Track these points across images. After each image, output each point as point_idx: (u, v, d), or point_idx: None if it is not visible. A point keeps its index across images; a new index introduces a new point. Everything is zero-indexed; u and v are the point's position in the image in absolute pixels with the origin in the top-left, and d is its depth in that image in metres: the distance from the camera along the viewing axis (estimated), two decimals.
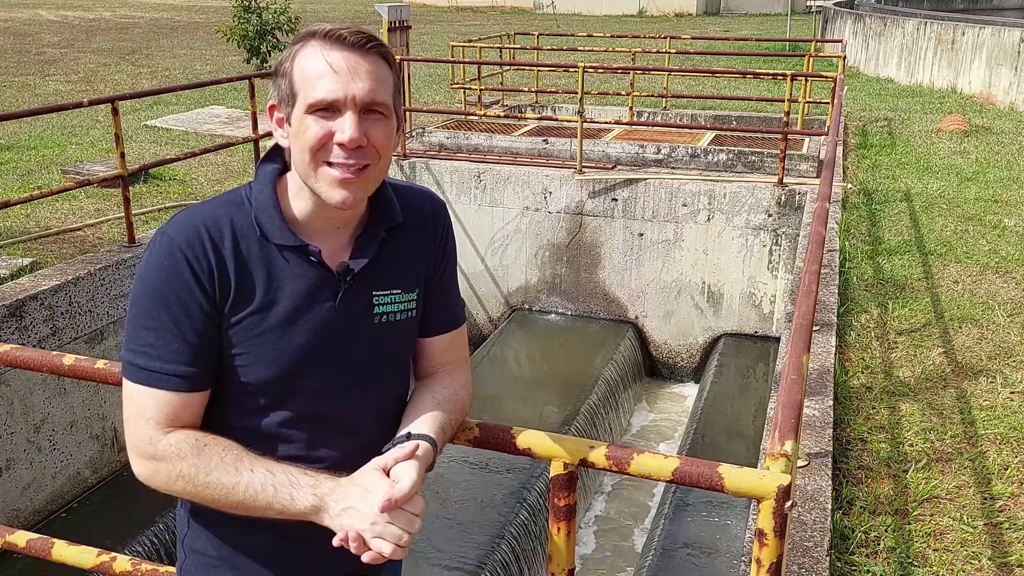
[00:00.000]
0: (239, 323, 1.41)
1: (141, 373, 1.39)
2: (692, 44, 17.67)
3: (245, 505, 1.37)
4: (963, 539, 3.11)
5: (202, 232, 1.39)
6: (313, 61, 1.36)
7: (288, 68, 1.39)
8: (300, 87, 1.37)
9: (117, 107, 5.84)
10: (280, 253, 1.42)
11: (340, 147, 1.36)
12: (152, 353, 1.38)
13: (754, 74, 9.49)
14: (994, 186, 7.95)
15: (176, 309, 1.37)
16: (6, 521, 4.82)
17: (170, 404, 1.39)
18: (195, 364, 1.39)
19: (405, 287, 1.53)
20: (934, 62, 14.65)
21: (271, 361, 1.42)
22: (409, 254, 1.54)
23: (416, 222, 1.56)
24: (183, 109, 11.73)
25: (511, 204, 8.73)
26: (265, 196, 1.44)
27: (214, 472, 1.36)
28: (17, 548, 1.98)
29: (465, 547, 5.11)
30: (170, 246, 1.38)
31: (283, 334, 1.42)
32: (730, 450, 6.63)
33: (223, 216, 1.42)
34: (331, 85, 1.35)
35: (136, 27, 24.08)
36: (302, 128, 1.37)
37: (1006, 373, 4.37)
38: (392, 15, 9.31)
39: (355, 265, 1.46)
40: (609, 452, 1.45)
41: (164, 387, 1.38)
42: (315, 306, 1.44)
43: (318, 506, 1.36)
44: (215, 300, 1.39)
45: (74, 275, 5.29)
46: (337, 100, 1.35)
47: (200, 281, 1.37)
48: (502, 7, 36.74)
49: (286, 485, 1.36)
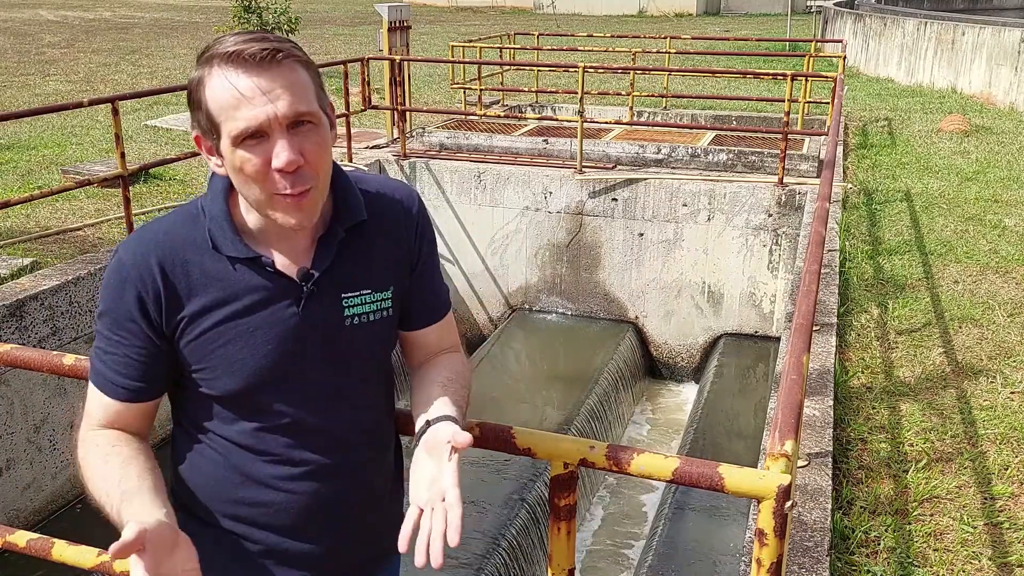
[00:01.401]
0: (196, 339, 1.41)
1: (93, 372, 1.46)
2: (692, 44, 17.67)
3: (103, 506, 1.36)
4: (963, 539, 3.11)
5: (150, 254, 1.39)
6: (222, 89, 1.29)
7: (200, 98, 1.32)
8: (219, 118, 1.30)
9: (117, 107, 5.84)
10: (233, 266, 1.41)
11: (279, 173, 1.30)
12: (103, 358, 1.44)
13: (754, 74, 9.49)
14: (994, 186, 7.95)
15: (121, 329, 1.41)
16: (6, 521, 4.82)
17: (110, 408, 1.45)
18: (139, 379, 1.43)
19: (376, 286, 1.49)
20: (934, 62, 14.65)
21: (235, 373, 1.41)
22: (380, 251, 1.50)
23: (385, 217, 1.51)
24: (183, 109, 11.72)
25: (511, 204, 8.74)
26: (217, 208, 1.42)
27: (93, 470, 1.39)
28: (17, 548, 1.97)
29: (465, 547, 5.11)
30: (119, 265, 1.40)
31: (243, 346, 1.41)
32: (730, 450, 6.63)
33: (177, 232, 1.42)
34: (249, 112, 1.28)
35: (136, 27, 24.08)
36: (236, 162, 1.31)
37: (1006, 373, 4.37)
38: (392, 15, 9.31)
39: (316, 269, 1.43)
40: (609, 452, 1.45)
41: (108, 393, 1.44)
42: (276, 315, 1.42)
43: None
44: (160, 324, 1.40)
45: (74, 275, 5.29)
46: (261, 125, 1.28)
47: (144, 304, 1.39)
48: (502, 7, 36.74)
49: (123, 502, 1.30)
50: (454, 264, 9.02)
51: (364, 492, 1.57)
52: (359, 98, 8.97)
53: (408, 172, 8.87)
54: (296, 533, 1.51)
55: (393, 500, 1.68)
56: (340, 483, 1.52)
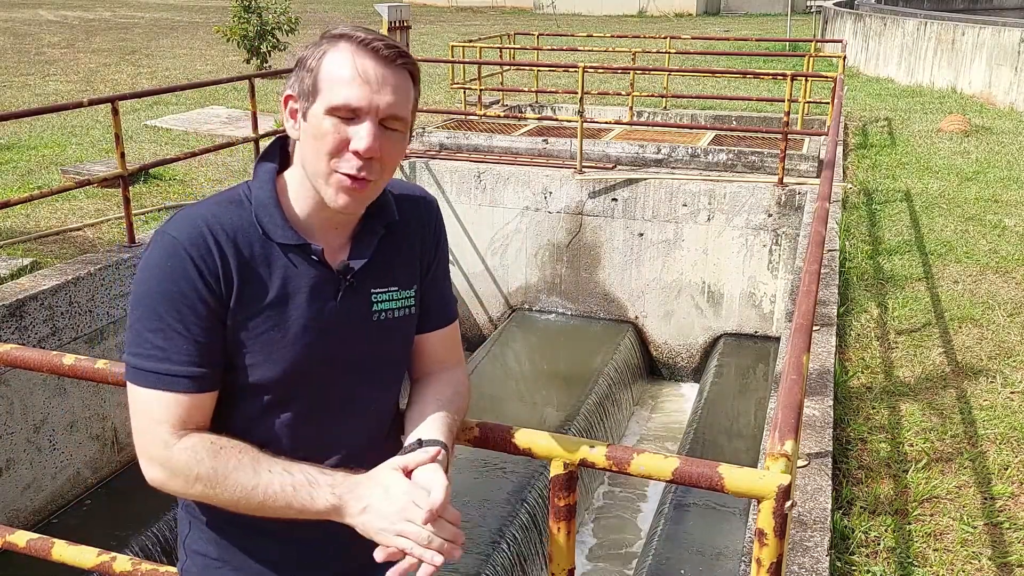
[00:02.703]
0: (245, 323, 1.40)
1: (149, 377, 1.36)
2: (692, 44, 17.67)
3: (265, 507, 1.36)
4: (963, 539, 3.11)
5: (205, 231, 1.37)
6: (343, 64, 1.36)
7: (315, 64, 1.38)
8: (325, 86, 1.36)
9: (117, 107, 5.85)
10: (282, 252, 1.42)
11: (355, 155, 1.36)
12: (159, 355, 1.36)
13: (754, 74, 9.49)
14: (994, 186, 7.95)
15: (184, 309, 1.35)
16: (6, 521, 4.82)
17: (181, 406, 1.37)
18: (204, 364, 1.38)
19: (403, 284, 1.54)
20: (934, 62, 14.65)
21: (279, 360, 1.41)
22: (406, 251, 1.55)
23: (411, 219, 1.57)
24: (183, 109, 11.73)
25: (511, 204, 8.74)
26: (266, 194, 1.44)
27: (232, 475, 1.35)
28: (17, 548, 1.98)
29: (465, 547, 5.11)
30: (173, 245, 1.36)
31: (289, 333, 1.42)
32: (730, 450, 6.63)
33: (223, 215, 1.41)
34: (357, 92, 1.35)
35: (136, 27, 24.08)
36: (320, 129, 1.37)
37: (1006, 373, 4.37)
38: (392, 15, 9.31)
39: (355, 264, 1.47)
40: (609, 452, 1.45)
41: (174, 389, 1.36)
42: (318, 304, 1.44)
43: (338, 505, 1.36)
44: (222, 298, 1.37)
45: (74, 275, 5.29)
46: (360, 108, 1.35)
47: (206, 280, 1.36)
48: (502, 7, 36.73)
49: (305, 485, 1.36)
50: (454, 264, 9.02)
51: None
52: None
53: (408, 172, 8.87)
54: (303, 533, 1.51)
55: None
56: None
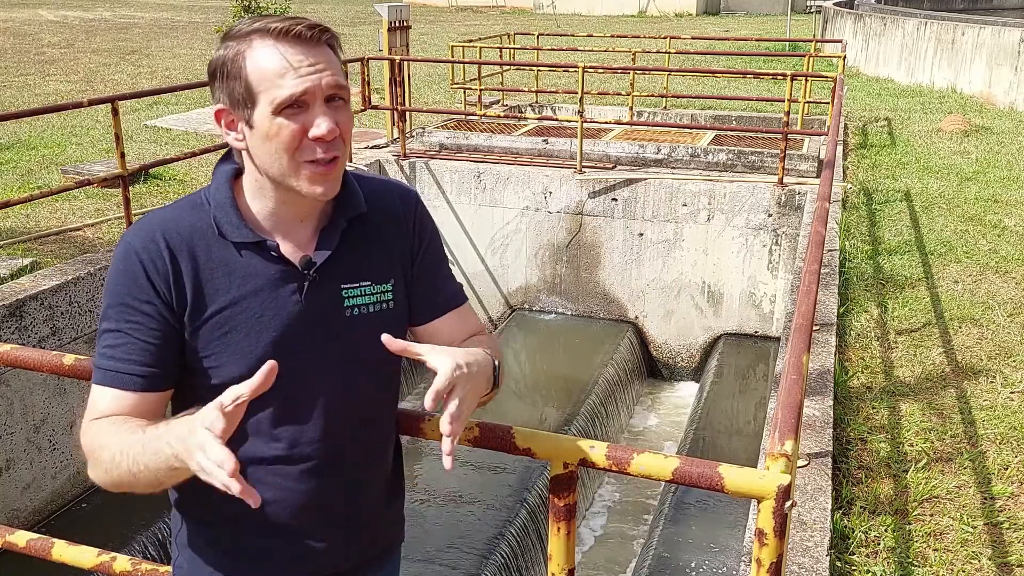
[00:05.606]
0: (203, 325, 1.41)
1: (100, 373, 1.41)
2: (692, 44, 17.66)
3: (133, 474, 1.31)
4: (963, 539, 3.11)
5: (158, 237, 1.40)
6: (271, 59, 1.35)
7: (238, 69, 1.36)
8: (261, 87, 1.35)
9: (117, 107, 5.84)
10: (239, 251, 1.43)
11: (317, 141, 1.37)
12: (109, 353, 1.40)
13: (754, 74, 9.49)
14: (994, 186, 7.95)
15: (133, 312, 1.39)
16: (6, 521, 4.82)
17: (124, 401, 1.40)
18: (155, 364, 1.40)
19: (376, 278, 1.52)
20: (934, 62, 14.65)
21: (240, 360, 1.41)
22: (379, 245, 1.54)
23: (384, 212, 1.55)
24: (183, 109, 11.73)
25: (511, 204, 8.74)
26: (222, 196, 1.45)
27: (107, 446, 1.35)
28: (17, 548, 1.98)
29: (465, 547, 5.12)
30: (127, 250, 1.40)
31: (249, 332, 1.42)
32: (730, 450, 6.64)
33: (182, 219, 1.43)
34: (298, 82, 1.34)
35: (136, 27, 24.08)
36: (273, 130, 1.36)
37: (1006, 373, 4.37)
38: (392, 15, 9.31)
39: (317, 257, 1.46)
40: (609, 452, 1.45)
41: (120, 386, 1.40)
42: (280, 302, 1.44)
43: (175, 452, 1.24)
44: (172, 303, 1.40)
45: (74, 275, 5.29)
46: (305, 93, 1.35)
47: (155, 285, 1.39)
48: (502, 7, 36.72)
49: (152, 440, 1.29)
50: (454, 264, 9.02)
51: (363, 490, 1.57)
52: (359, 98, 8.97)
53: (408, 172, 8.87)
54: (293, 531, 1.51)
55: (393, 499, 1.67)
56: (339, 480, 1.52)
